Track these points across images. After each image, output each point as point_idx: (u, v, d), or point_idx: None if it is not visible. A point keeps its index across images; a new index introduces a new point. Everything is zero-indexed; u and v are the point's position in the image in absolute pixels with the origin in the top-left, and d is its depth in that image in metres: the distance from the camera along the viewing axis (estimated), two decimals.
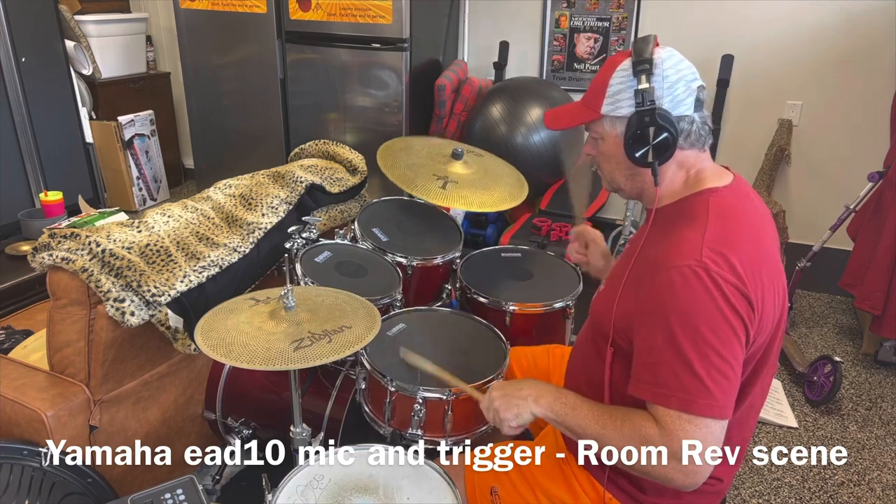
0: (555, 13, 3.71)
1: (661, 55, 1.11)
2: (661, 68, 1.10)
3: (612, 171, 1.22)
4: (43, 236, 1.61)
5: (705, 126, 1.15)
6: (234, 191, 2.04)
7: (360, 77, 3.46)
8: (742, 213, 1.12)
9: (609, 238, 3.00)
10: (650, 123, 1.09)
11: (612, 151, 1.18)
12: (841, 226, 2.89)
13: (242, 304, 1.39)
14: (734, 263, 1.03)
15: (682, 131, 1.12)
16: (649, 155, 1.11)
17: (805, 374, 2.66)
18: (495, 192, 1.97)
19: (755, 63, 3.35)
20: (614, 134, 1.16)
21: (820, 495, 2.13)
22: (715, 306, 1.01)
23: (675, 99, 1.11)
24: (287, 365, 1.19)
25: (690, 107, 1.12)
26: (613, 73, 1.14)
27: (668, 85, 1.10)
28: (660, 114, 1.09)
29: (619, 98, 1.13)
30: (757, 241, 1.10)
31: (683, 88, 1.11)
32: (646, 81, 1.09)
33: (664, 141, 1.10)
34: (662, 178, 1.16)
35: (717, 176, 1.16)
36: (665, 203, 1.18)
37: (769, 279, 1.08)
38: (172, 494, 1.24)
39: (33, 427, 1.54)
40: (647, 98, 1.09)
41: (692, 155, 1.16)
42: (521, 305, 1.83)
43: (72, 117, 3.83)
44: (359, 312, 1.40)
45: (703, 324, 1.01)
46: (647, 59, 1.09)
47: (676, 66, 1.11)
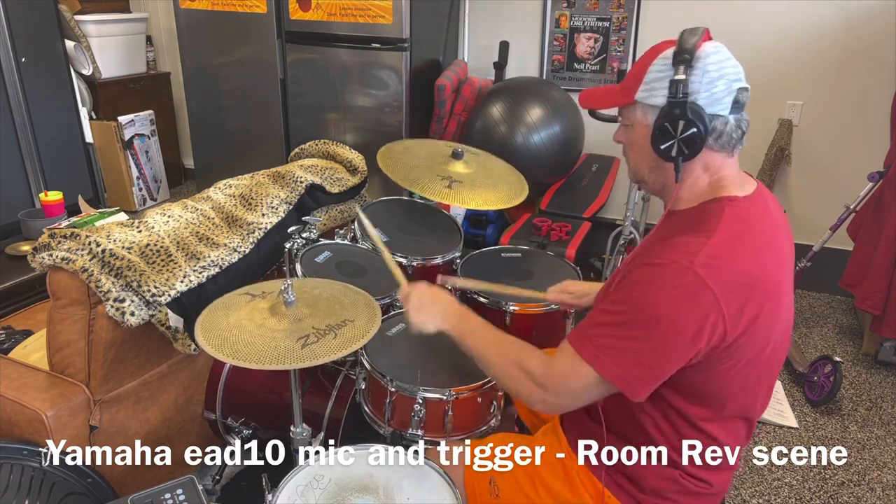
0: (555, 13, 3.71)
1: (707, 49, 1.07)
2: (703, 62, 1.06)
3: (637, 161, 1.19)
4: (43, 236, 1.61)
5: (739, 129, 1.11)
6: (234, 191, 2.04)
7: (360, 77, 3.46)
8: (755, 226, 1.10)
9: (609, 238, 3.00)
10: (681, 116, 1.06)
11: (640, 141, 1.14)
12: (841, 226, 2.89)
13: (238, 299, 1.38)
14: (723, 276, 1.02)
15: (713, 130, 1.08)
16: (674, 149, 1.08)
17: (805, 374, 2.65)
18: (499, 190, 1.97)
19: (755, 63, 3.33)
20: (645, 122, 1.13)
21: (820, 495, 2.13)
22: (681, 304, 1.01)
23: (712, 96, 1.06)
24: (296, 363, 1.19)
25: (727, 107, 1.08)
26: (654, 61, 1.11)
27: (707, 80, 1.06)
28: (692, 108, 1.05)
29: (654, 86, 1.10)
30: (763, 256, 1.08)
31: (724, 87, 1.07)
32: (683, 73, 1.05)
33: (692, 136, 1.06)
34: (686, 177, 1.13)
35: (738, 184, 1.13)
36: (683, 206, 1.16)
37: (767, 295, 1.07)
38: (172, 494, 1.24)
39: (33, 427, 1.54)
40: (682, 90, 1.05)
41: (719, 158, 1.12)
42: (522, 306, 1.82)
43: (72, 117, 3.83)
44: (358, 304, 1.40)
45: (658, 310, 1.03)
46: (689, 49, 1.05)
47: (721, 62, 1.07)
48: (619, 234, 2.90)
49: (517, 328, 1.84)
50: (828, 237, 2.88)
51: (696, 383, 1.10)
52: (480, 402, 1.52)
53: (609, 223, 3.27)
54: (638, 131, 1.15)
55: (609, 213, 3.72)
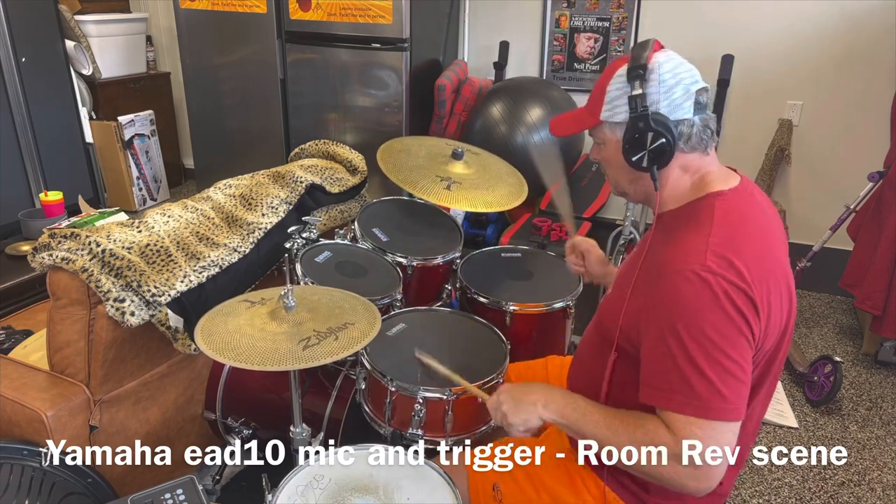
0: (555, 13, 3.71)
1: (659, 59, 1.10)
2: (657, 73, 1.09)
3: (616, 177, 1.22)
4: (43, 236, 1.61)
5: (707, 129, 1.13)
6: (234, 191, 2.04)
7: (360, 77, 3.46)
8: (748, 217, 1.12)
9: (609, 238, 3.00)
10: (646, 129, 1.09)
11: (614, 157, 1.18)
12: (841, 226, 2.89)
13: (237, 306, 1.39)
14: (739, 267, 1.02)
15: (681, 135, 1.11)
16: (646, 159, 1.11)
17: (805, 374, 2.65)
18: (498, 191, 1.97)
19: (755, 63, 3.35)
20: (614, 139, 1.16)
21: (820, 495, 2.13)
22: (720, 309, 1.01)
23: (672, 103, 1.10)
24: (299, 364, 1.20)
25: (690, 110, 1.11)
26: (611, 79, 1.14)
27: (665, 89, 1.10)
28: (654, 119, 1.09)
29: (616, 104, 1.14)
30: (763, 244, 1.10)
31: (682, 92, 1.10)
32: (639, 87, 1.09)
33: (661, 146, 1.10)
34: (665, 181, 1.16)
35: (722, 179, 1.15)
36: (671, 207, 1.17)
37: (775, 283, 1.08)
38: (172, 494, 1.24)
39: (33, 427, 1.54)
40: (641, 104, 1.09)
41: (695, 158, 1.15)
42: (522, 305, 1.82)
43: (72, 117, 3.83)
44: (357, 309, 1.41)
45: (709, 327, 1.01)
46: (642, 64, 1.09)
47: (675, 69, 1.10)
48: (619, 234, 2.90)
49: (517, 328, 1.84)
50: (828, 237, 2.88)
51: None
52: (480, 401, 1.52)
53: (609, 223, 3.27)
54: (610, 148, 1.18)
55: (609, 213, 3.71)
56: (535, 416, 1.19)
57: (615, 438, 1.09)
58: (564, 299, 1.86)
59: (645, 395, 1.08)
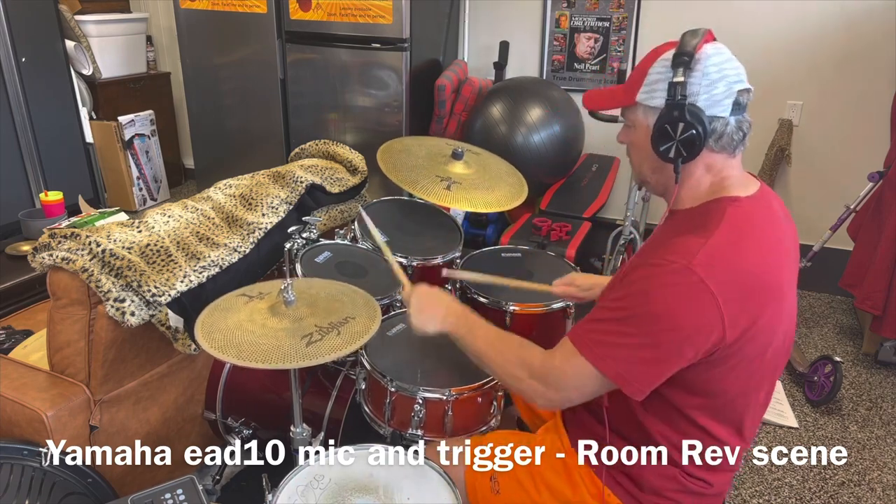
0: (555, 13, 3.71)
1: (707, 51, 1.07)
2: (703, 64, 1.06)
3: (640, 162, 1.20)
4: (43, 236, 1.61)
5: (740, 131, 1.11)
6: (235, 191, 2.04)
7: (360, 77, 3.46)
8: (757, 227, 1.10)
9: (609, 238, 3.00)
10: (679, 118, 1.06)
11: (642, 142, 1.15)
12: (841, 226, 2.89)
13: (235, 300, 1.38)
14: (723, 276, 1.02)
15: (713, 132, 1.08)
16: (673, 150, 1.09)
17: (805, 374, 2.65)
18: (498, 191, 1.97)
19: (755, 63, 3.33)
20: (646, 124, 1.13)
21: (820, 495, 2.13)
22: (680, 305, 1.02)
23: (711, 97, 1.07)
24: (303, 362, 1.19)
25: (727, 108, 1.08)
26: (655, 62, 1.11)
27: (707, 82, 1.06)
28: (690, 110, 1.06)
29: (654, 88, 1.10)
30: (765, 259, 1.08)
31: (724, 88, 1.07)
32: (682, 75, 1.06)
33: (690, 138, 1.06)
34: (688, 178, 1.13)
35: (741, 185, 1.14)
36: (686, 206, 1.16)
37: (769, 295, 1.07)
38: (172, 494, 1.24)
39: (33, 427, 1.54)
40: (680, 92, 1.06)
41: (720, 159, 1.12)
42: (522, 306, 1.82)
43: (72, 117, 3.83)
44: (357, 302, 1.40)
45: (659, 310, 1.03)
46: (689, 52, 1.06)
47: (721, 64, 1.07)
48: (619, 234, 2.90)
49: (517, 328, 1.84)
50: (828, 237, 2.88)
51: (697, 383, 1.11)
52: (480, 402, 1.52)
53: (609, 223, 3.27)
54: (640, 132, 1.16)
55: (609, 213, 3.72)
56: (432, 324, 1.34)
57: (494, 354, 1.25)
58: (564, 299, 1.86)
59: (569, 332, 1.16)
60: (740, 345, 1.06)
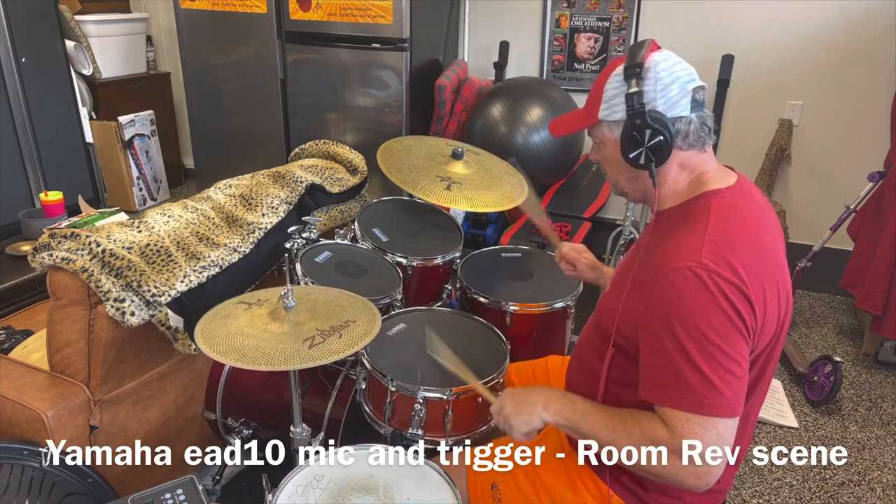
0: (555, 13, 3.71)
1: (655, 58, 1.12)
2: (653, 71, 1.11)
3: (615, 175, 1.23)
4: (43, 236, 1.61)
5: (704, 126, 1.15)
6: (235, 191, 2.04)
7: (360, 77, 3.46)
8: (744, 215, 1.13)
9: (609, 238, 3.00)
10: (643, 126, 1.10)
11: (613, 155, 1.19)
12: (841, 226, 2.89)
13: (235, 308, 1.38)
14: (734, 264, 1.03)
15: (678, 132, 1.12)
16: (643, 157, 1.12)
17: (805, 374, 2.65)
18: (498, 191, 1.97)
19: (755, 63, 3.35)
20: (612, 138, 1.18)
21: (820, 495, 2.13)
22: (716, 305, 1.01)
23: (669, 100, 1.11)
24: (307, 363, 1.20)
25: (686, 107, 1.12)
26: (609, 79, 1.16)
27: (661, 87, 1.11)
28: (652, 115, 1.10)
29: (613, 103, 1.15)
30: (759, 242, 1.10)
31: (678, 89, 1.11)
32: (636, 85, 1.10)
33: (658, 143, 1.11)
34: (664, 179, 1.17)
35: (720, 177, 1.17)
36: (669, 205, 1.18)
37: (770, 281, 1.08)
38: (172, 494, 1.24)
39: (33, 427, 1.54)
40: (638, 101, 1.10)
41: (692, 156, 1.16)
42: (522, 305, 1.82)
43: (72, 117, 3.83)
44: (356, 307, 1.41)
45: (705, 324, 1.01)
46: (638, 62, 1.10)
47: (671, 68, 1.12)
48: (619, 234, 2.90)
49: (517, 328, 1.84)
50: (828, 237, 2.88)
51: None
52: (480, 401, 1.52)
53: (609, 223, 3.27)
54: (609, 147, 1.20)
55: (609, 213, 3.71)
56: (535, 417, 1.19)
57: (614, 437, 1.10)
58: (564, 299, 1.86)
59: (643, 392, 1.09)
60: (761, 324, 1.07)
